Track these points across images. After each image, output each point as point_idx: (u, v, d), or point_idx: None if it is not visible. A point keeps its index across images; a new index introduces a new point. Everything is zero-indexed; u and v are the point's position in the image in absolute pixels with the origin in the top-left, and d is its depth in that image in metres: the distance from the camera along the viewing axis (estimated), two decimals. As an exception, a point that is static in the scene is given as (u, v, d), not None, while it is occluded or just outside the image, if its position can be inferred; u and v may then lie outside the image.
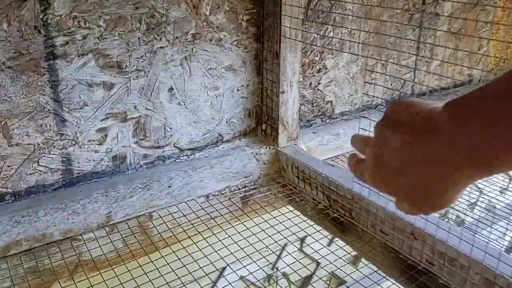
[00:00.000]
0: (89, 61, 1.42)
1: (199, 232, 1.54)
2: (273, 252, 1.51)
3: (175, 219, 1.56)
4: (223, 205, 1.64)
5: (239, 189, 1.74)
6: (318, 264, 2.84)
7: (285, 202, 1.76)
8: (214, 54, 1.64)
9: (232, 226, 1.61)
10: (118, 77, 1.48)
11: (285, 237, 1.56)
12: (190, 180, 1.63)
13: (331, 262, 1.59)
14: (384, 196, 1.47)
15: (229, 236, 1.50)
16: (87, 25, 1.39)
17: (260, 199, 1.72)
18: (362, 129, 1.37)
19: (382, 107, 2.21)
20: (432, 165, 0.43)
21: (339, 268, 1.59)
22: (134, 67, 1.50)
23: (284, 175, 1.81)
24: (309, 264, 2.60)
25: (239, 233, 1.52)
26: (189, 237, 1.52)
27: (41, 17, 1.31)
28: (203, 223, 1.58)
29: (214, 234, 1.53)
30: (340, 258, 1.55)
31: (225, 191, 1.72)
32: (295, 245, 2.46)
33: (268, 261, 1.50)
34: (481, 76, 2.57)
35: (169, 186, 1.59)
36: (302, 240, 2.68)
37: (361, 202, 1.48)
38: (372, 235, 1.48)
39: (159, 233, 1.53)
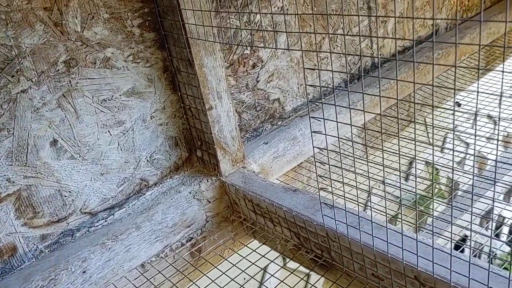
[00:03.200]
0: None
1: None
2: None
3: (100, 314, 1.15)
4: (163, 275, 1.24)
5: (183, 244, 1.34)
6: (308, 276, 2.48)
7: (247, 242, 1.37)
8: (104, 80, 1.20)
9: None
10: (-32, 148, 1.04)
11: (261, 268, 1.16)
12: (111, 255, 1.21)
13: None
14: (367, 232, 1.09)
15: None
16: None
17: (213, 250, 1.32)
18: (315, 132, 0.98)
19: (341, 88, 1.81)
20: None
21: None
22: (-11, 127, 1.05)
23: (237, 209, 1.41)
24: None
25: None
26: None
27: None
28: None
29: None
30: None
31: (164, 253, 1.31)
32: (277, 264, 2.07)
33: None
34: (447, 23, 2.19)
35: (84, 272, 1.17)
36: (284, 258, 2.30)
37: (340, 240, 1.09)
38: (363, 279, 1.10)
39: None
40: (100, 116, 1.22)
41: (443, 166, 1.26)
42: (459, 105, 1.94)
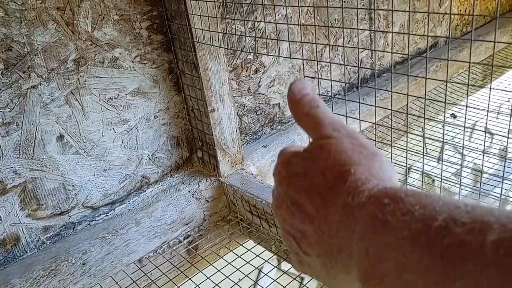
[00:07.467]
0: None
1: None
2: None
3: (98, 306, 1.19)
4: (160, 270, 1.27)
5: (180, 241, 1.37)
6: (302, 279, 2.51)
7: (243, 242, 1.41)
8: (111, 79, 1.24)
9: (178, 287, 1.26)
10: (-22, 139, 1.08)
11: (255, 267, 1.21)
12: (111, 249, 1.25)
13: None
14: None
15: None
16: None
17: (210, 248, 1.36)
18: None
19: (340, 96, 1.85)
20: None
21: None
22: (0, 120, 1.09)
23: (235, 210, 1.45)
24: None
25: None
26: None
27: None
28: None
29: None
30: None
31: (162, 249, 1.34)
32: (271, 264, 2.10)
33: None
34: (446, 36, 2.23)
35: (84, 264, 1.21)
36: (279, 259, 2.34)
37: (333, 243, 1.13)
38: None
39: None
40: (106, 113, 1.26)
41: (447, 177, 1.30)
42: (454, 116, 1.98)
